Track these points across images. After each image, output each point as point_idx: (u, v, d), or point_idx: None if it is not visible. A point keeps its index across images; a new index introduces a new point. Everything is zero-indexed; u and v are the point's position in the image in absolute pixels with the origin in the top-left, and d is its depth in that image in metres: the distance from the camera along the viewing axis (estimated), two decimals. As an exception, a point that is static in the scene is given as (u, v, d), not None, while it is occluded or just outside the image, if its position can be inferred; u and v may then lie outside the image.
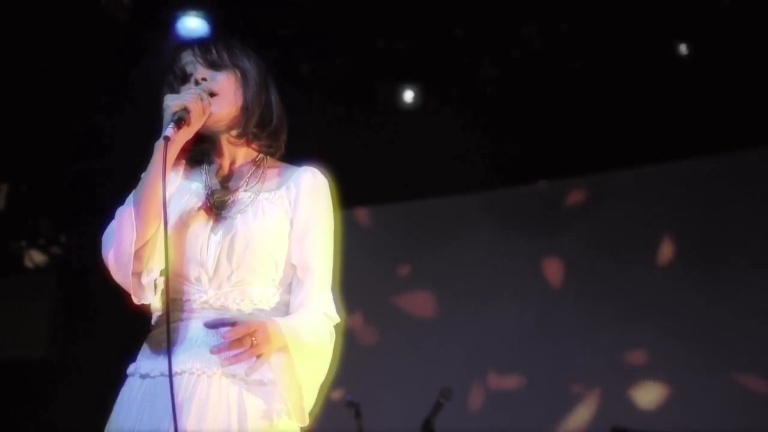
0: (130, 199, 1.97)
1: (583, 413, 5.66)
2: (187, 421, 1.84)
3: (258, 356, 1.85)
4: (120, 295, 2.00)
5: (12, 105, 5.82)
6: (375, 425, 5.44)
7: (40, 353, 6.72)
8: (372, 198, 6.47)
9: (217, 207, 2.03)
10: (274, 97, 2.15)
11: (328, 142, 5.96)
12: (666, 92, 5.57)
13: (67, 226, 7.02)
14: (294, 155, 2.21)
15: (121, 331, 1.97)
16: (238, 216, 2.01)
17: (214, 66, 2.06)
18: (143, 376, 1.96)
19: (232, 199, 2.05)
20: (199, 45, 2.09)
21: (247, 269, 1.97)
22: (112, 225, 1.97)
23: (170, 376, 1.81)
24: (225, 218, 2.01)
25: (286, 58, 5.39)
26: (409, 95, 6.01)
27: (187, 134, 1.96)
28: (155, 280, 1.97)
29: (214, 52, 2.07)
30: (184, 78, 2.07)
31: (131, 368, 2.02)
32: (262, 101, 2.10)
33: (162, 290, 1.99)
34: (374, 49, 5.63)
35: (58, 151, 6.37)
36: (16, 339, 6.77)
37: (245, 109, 2.06)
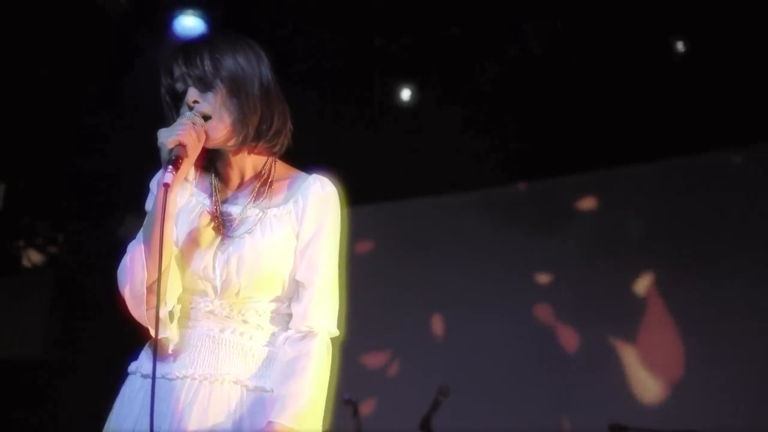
0: (140, 235, 1.96)
1: (580, 411, 5.66)
2: (188, 426, 1.86)
3: None
4: (117, 295, 2.00)
5: (9, 105, 5.82)
6: (373, 423, 5.45)
7: (37, 352, 6.72)
8: (370, 196, 6.46)
9: (225, 226, 2.00)
10: (273, 93, 2.06)
11: (324, 142, 5.97)
12: (663, 90, 5.57)
13: (65, 225, 7.02)
14: (291, 155, 2.17)
15: (118, 330, 1.97)
16: (246, 236, 1.98)
17: (203, 83, 1.97)
18: (145, 377, 1.97)
19: (239, 217, 2.02)
20: (184, 58, 2.00)
21: (254, 288, 1.97)
22: (125, 261, 1.95)
23: (153, 379, 1.84)
24: (233, 237, 1.99)
25: (283, 56, 5.40)
26: (406, 93, 6.01)
27: (188, 166, 1.93)
28: (172, 309, 1.96)
29: (199, 65, 1.97)
30: (177, 97, 2.01)
31: (133, 366, 2.02)
32: (258, 107, 2.01)
33: (177, 307, 1.98)
34: (371, 47, 5.63)
35: (55, 151, 6.37)
36: (14, 338, 6.77)
37: (239, 122, 1.98)
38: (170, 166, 1.86)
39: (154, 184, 2.08)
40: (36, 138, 6.22)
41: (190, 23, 5.20)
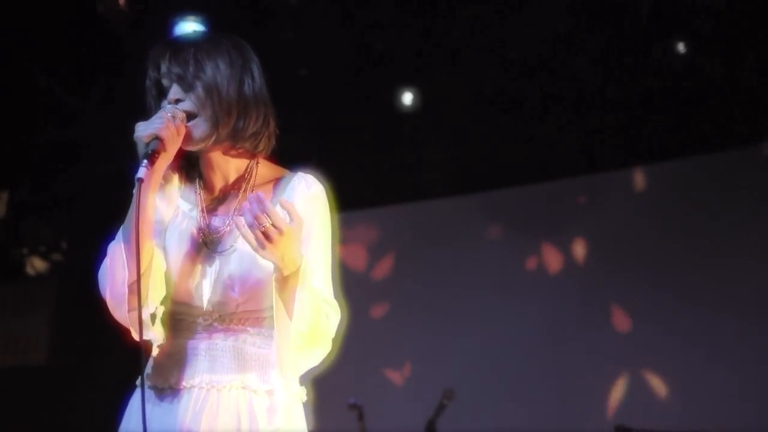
0: (119, 234, 1.93)
1: (587, 412, 5.65)
2: None
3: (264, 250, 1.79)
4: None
5: (11, 113, 5.83)
6: (378, 427, 5.43)
7: (41, 360, 6.72)
8: (372, 200, 6.46)
9: (212, 240, 1.97)
10: (252, 95, 2.02)
11: (326, 146, 5.98)
12: (663, 92, 5.58)
13: (68, 233, 7.02)
14: (293, 159, 2.16)
15: (122, 338, 1.96)
16: (234, 253, 1.96)
17: (185, 83, 1.97)
18: (151, 388, 1.97)
19: (225, 229, 2.00)
20: (171, 55, 1.99)
21: (252, 301, 1.96)
22: (106, 262, 1.94)
23: (142, 386, 1.84)
24: (222, 252, 1.97)
25: (285, 61, 5.40)
26: (408, 97, 6.01)
27: (165, 161, 1.91)
28: (154, 312, 1.95)
29: (182, 64, 1.98)
30: (162, 92, 2.01)
31: (140, 380, 2.01)
32: (232, 109, 1.98)
33: (164, 311, 1.98)
34: (373, 51, 5.64)
35: (58, 159, 6.37)
36: (18, 346, 6.77)
37: (212, 123, 1.96)
38: (145, 161, 1.84)
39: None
40: (38, 145, 6.23)
41: (191, 29, 5.21)
